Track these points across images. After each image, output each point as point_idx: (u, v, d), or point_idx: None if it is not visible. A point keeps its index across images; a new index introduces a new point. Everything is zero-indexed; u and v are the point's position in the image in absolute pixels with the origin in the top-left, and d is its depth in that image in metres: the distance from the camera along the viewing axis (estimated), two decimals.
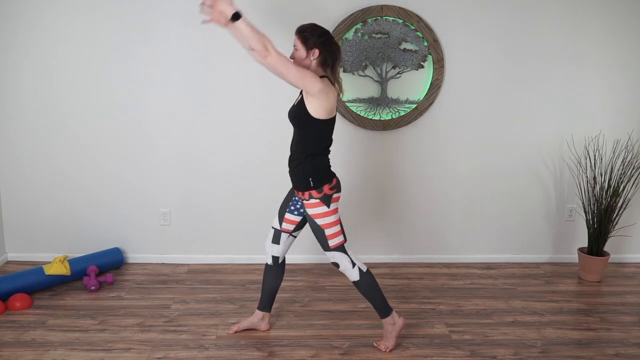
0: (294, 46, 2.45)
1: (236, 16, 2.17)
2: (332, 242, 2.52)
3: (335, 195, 2.51)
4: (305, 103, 2.39)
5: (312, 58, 2.41)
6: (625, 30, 3.50)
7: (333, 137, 2.52)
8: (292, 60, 2.38)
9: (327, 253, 2.56)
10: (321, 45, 2.40)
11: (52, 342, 2.66)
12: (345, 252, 2.54)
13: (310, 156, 2.48)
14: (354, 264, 2.54)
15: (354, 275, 2.55)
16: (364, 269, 2.57)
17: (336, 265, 2.57)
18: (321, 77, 2.40)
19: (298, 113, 2.45)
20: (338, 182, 2.55)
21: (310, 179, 2.46)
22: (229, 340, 2.72)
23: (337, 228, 2.53)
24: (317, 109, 2.38)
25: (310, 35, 2.40)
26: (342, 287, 3.37)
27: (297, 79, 2.29)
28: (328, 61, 2.42)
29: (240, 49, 3.43)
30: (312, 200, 2.48)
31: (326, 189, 2.47)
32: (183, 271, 3.59)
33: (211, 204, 3.64)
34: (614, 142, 3.63)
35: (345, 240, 2.56)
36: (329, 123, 2.46)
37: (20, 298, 3.02)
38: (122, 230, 3.66)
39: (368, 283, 2.57)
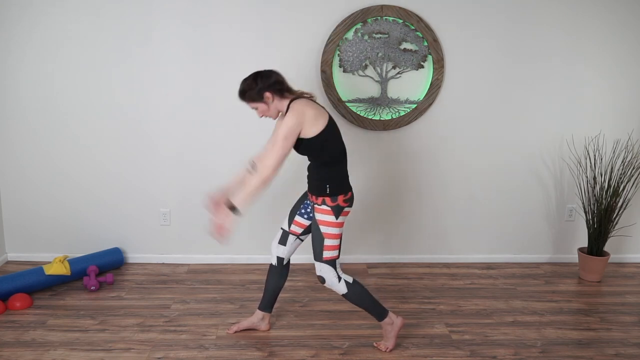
0: (255, 109, 2.48)
1: (234, 208, 2.31)
2: (326, 254, 2.50)
3: (346, 209, 2.50)
4: None
5: (271, 102, 2.43)
6: (625, 30, 3.51)
7: None
8: (275, 144, 2.34)
9: (317, 263, 2.53)
10: (264, 87, 2.40)
11: (52, 342, 2.66)
12: (334, 267, 2.52)
13: (326, 163, 2.47)
14: (339, 278, 2.53)
15: (341, 289, 2.53)
16: (350, 280, 2.55)
17: (322, 280, 2.53)
18: (292, 100, 2.43)
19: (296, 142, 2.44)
20: (352, 196, 2.53)
21: (327, 186, 2.45)
22: (229, 340, 2.72)
23: (337, 242, 2.51)
24: (305, 132, 2.38)
25: (250, 90, 2.42)
26: None
27: (289, 144, 2.34)
28: (280, 88, 2.43)
29: (240, 48, 3.44)
30: (324, 207, 2.47)
31: (340, 200, 2.46)
32: (183, 271, 3.59)
33: None
34: (614, 142, 3.64)
35: (338, 257, 2.54)
36: (327, 131, 2.41)
37: (20, 298, 3.02)
38: (122, 230, 3.66)
39: (357, 293, 2.55)
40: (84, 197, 3.60)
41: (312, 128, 2.37)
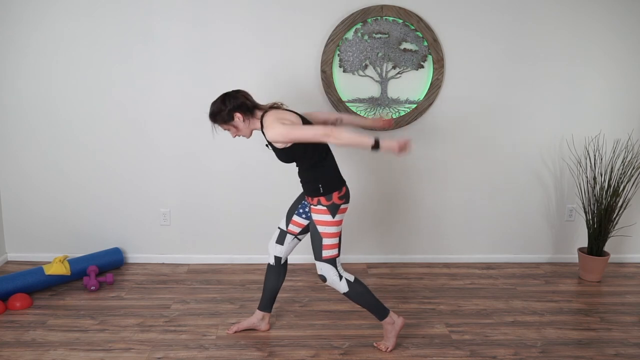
0: (227, 130, 2.50)
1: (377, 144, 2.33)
2: (325, 253, 2.51)
3: (342, 207, 2.50)
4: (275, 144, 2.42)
5: (242, 122, 2.44)
6: (625, 30, 3.50)
7: None
8: (315, 128, 2.35)
9: (317, 263, 2.54)
10: (233, 108, 2.42)
11: (52, 342, 2.66)
12: (334, 265, 2.53)
13: (314, 165, 2.48)
14: (340, 277, 2.54)
15: (342, 287, 2.54)
16: (352, 278, 2.56)
17: (323, 279, 2.55)
18: (265, 112, 2.44)
19: (277, 152, 2.47)
20: (347, 191, 2.53)
21: (320, 186, 2.46)
22: (229, 340, 2.72)
23: (335, 240, 2.51)
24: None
25: (220, 112, 2.43)
26: None
27: (295, 129, 2.36)
28: (249, 107, 2.44)
29: (240, 48, 3.44)
30: (319, 207, 2.48)
31: (335, 197, 2.47)
32: (183, 271, 3.59)
33: (211, 204, 3.64)
34: (614, 142, 3.64)
35: (339, 255, 2.55)
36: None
37: (20, 298, 3.02)
38: (122, 230, 3.66)
39: (358, 292, 2.56)
40: (84, 197, 3.60)
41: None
